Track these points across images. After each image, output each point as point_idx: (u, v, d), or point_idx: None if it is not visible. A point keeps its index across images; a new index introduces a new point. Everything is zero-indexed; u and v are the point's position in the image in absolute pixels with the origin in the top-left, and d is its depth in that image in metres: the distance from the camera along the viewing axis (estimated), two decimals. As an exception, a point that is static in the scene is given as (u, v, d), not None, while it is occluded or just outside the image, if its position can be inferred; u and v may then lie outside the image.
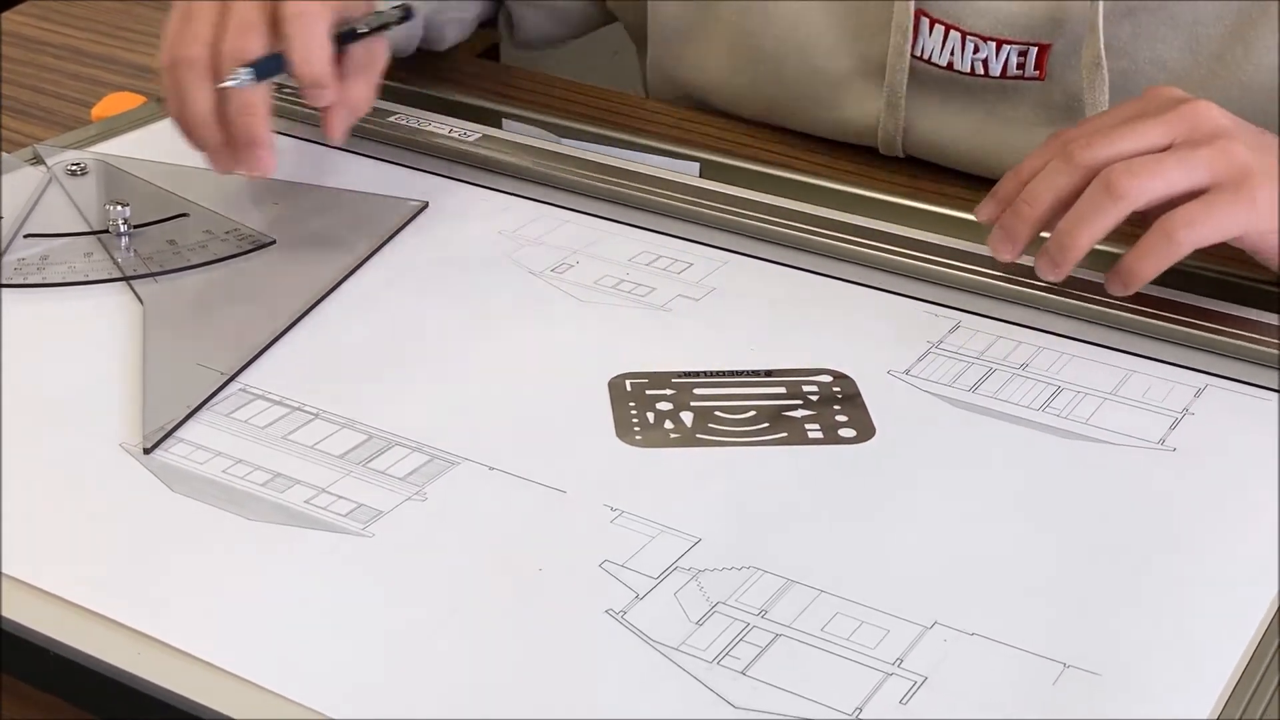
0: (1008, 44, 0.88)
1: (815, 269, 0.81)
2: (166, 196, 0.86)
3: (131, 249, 0.81)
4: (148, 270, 0.79)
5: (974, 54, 0.89)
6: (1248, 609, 0.58)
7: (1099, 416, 0.69)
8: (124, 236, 0.81)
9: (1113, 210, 0.69)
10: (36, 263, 0.80)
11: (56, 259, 0.80)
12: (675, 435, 0.67)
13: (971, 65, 0.89)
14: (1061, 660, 0.55)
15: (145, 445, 0.65)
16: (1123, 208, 0.69)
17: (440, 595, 0.58)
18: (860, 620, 0.57)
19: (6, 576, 0.58)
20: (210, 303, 0.77)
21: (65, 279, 0.78)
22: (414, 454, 0.66)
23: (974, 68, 0.89)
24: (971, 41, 0.89)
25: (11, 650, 0.56)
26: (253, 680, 0.54)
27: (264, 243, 0.82)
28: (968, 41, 0.89)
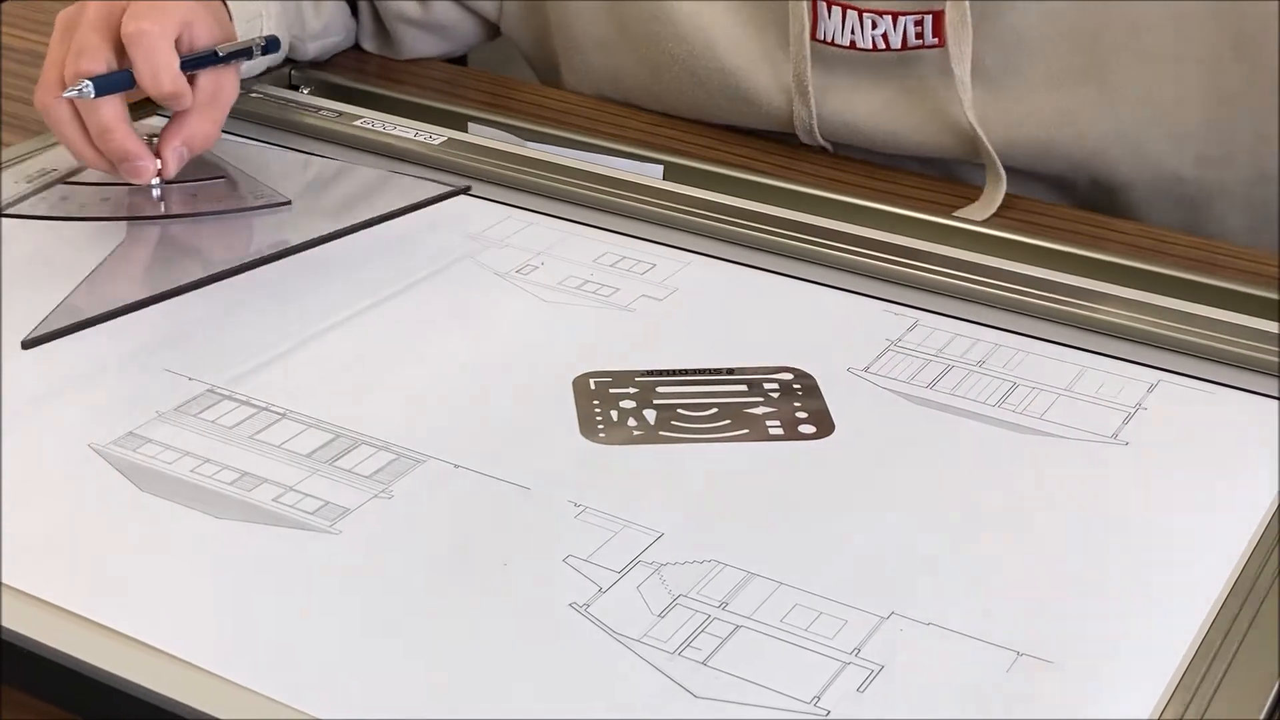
0: (902, 15, 0.91)
1: (776, 269, 0.82)
2: (218, 164, 0.88)
3: (160, 202, 0.83)
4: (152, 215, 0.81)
5: (873, 29, 0.92)
6: (1196, 599, 0.59)
7: (1053, 412, 0.70)
8: (156, 189, 0.84)
9: None
10: (54, 202, 0.83)
11: (75, 199, 0.83)
12: (638, 432, 0.68)
13: (873, 41, 0.92)
14: (1015, 649, 0.56)
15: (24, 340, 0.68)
16: None
17: (407, 590, 0.59)
18: (819, 611, 0.58)
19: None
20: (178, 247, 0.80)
21: (67, 214, 0.81)
22: (380, 452, 0.67)
23: (875, 43, 0.92)
24: (869, 18, 0.91)
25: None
26: (221, 675, 0.54)
27: (278, 202, 0.83)
28: (865, 18, 0.91)
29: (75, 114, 0.82)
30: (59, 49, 0.83)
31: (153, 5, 0.83)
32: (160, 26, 0.82)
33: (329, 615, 0.58)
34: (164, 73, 0.81)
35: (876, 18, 0.91)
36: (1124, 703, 0.54)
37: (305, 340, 0.75)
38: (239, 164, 0.89)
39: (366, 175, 0.89)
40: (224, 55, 0.86)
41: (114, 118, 0.81)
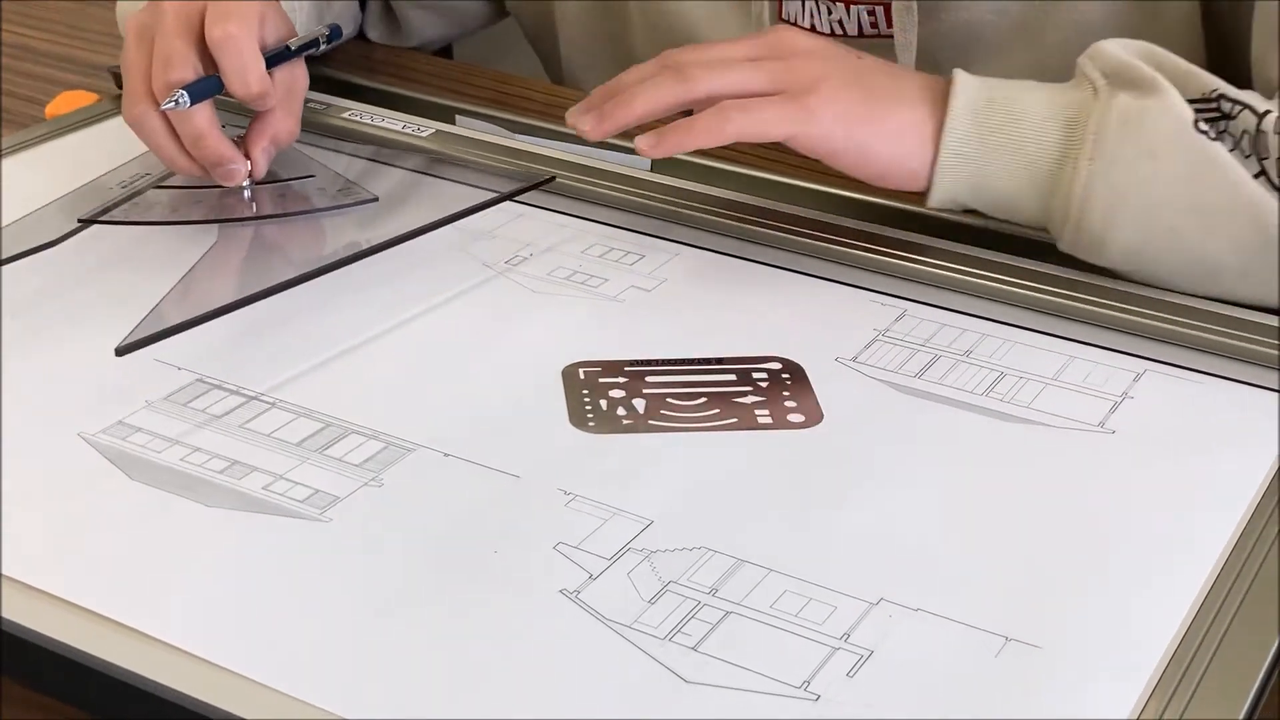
0: (855, 4, 0.92)
1: (764, 260, 0.82)
2: (300, 158, 0.89)
3: (252, 202, 0.83)
4: (240, 216, 0.82)
5: (829, 16, 0.93)
6: (1184, 585, 0.59)
7: (1041, 401, 0.70)
8: (247, 190, 0.84)
9: (675, 88, 0.78)
10: (148, 206, 0.83)
11: (169, 203, 0.84)
12: (628, 422, 0.69)
13: (830, 27, 0.93)
14: (1003, 634, 0.57)
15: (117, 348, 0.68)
16: (683, 90, 0.78)
17: (397, 578, 0.59)
18: (808, 598, 0.58)
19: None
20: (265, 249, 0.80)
21: (164, 217, 0.82)
22: (370, 441, 0.67)
23: (833, 28, 0.93)
24: (824, 5, 0.92)
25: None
26: (211, 661, 0.55)
27: (366, 199, 0.83)
28: (821, 5, 0.92)
29: (167, 123, 0.82)
30: (139, 56, 0.83)
31: (232, 5, 0.82)
32: (246, 29, 0.82)
33: (320, 602, 0.58)
34: (252, 75, 0.81)
35: (832, 5, 0.92)
36: (1113, 686, 0.54)
37: (291, 329, 0.75)
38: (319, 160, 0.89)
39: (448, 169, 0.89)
40: (296, 50, 0.86)
41: (207, 124, 0.81)
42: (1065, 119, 0.76)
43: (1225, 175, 0.73)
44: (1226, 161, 0.73)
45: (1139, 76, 0.75)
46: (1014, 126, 0.77)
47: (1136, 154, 0.74)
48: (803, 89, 0.77)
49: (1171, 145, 0.74)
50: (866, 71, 0.81)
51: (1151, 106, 0.74)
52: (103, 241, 0.82)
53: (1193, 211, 0.74)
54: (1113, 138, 0.75)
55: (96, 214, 0.82)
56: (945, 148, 0.78)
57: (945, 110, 0.78)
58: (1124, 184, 0.75)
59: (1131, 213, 0.75)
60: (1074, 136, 0.76)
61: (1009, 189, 0.78)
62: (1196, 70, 0.76)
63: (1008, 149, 0.77)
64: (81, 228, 0.81)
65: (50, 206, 0.84)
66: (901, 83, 0.80)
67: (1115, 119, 0.75)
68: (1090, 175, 0.75)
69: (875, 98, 0.79)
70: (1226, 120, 0.75)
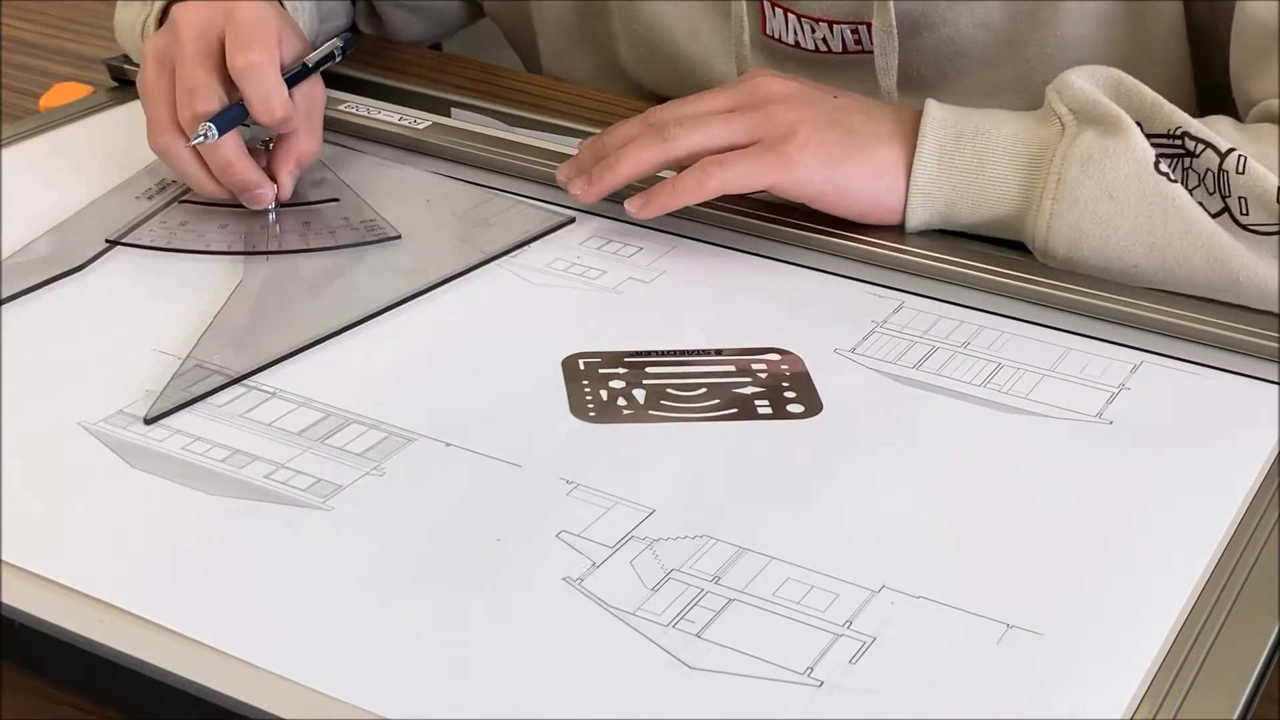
0: (839, 23, 0.92)
1: (760, 252, 0.82)
2: (330, 180, 0.88)
3: (276, 225, 0.83)
4: (267, 249, 0.81)
5: (813, 34, 0.93)
6: (1182, 573, 0.60)
7: (1039, 392, 0.71)
8: (272, 212, 0.84)
9: (657, 150, 0.80)
10: (173, 228, 0.83)
11: (194, 226, 0.83)
12: (628, 412, 0.69)
13: (815, 44, 0.94)
14: (1004, 621, 0.57)
15: (146, 417, 0.67)
16: (665, 150, 0.80)
17: (401, 565, 0.59)
18: (810, 585, 0.58)
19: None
20: (295, 289, 0.79)
21: (190, 246, 0.81)
22: (371, 430, 0.67)
23: (817, 45, 0.94)
24: (808, 23, 0.93)
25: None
26: (215, 647, 0.55)
27: (389, 236, 0.83)
28: (804, 23, 0.93)
29: (194, 151, 0.82)
30: (160, 84, 0.83)
31: (251, 30, 0.82)
32: (268, 55, 0.82)
33: (324, 588, 0.58)
34: (276, 103, 0.82)
35: (815, 23, 0.93)
36: (1114, 673, 0.55)
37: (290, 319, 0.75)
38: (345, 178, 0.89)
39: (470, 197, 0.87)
40: (313, 66, 0.86)
41: (234, 152, 0.82)
42: (1029, 158, 0.78)
43: (1182, 216, 0.75)
44: (1184, 202, 0.75)
45: (1104, 114, 0.77)
46: (979, 166, 0.79)
47: (1097, 194, 0.76)
48: (780, 137, 0.79)
49: (1130, 186, 0.76)
50: (843, 111, 0.82)
51: (1112, 147, 0.76)
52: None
53: (1152, 251, 0.76)
54: (1074, 178, 0.77)
55: (123, 234, 0.81)
56: (914, 186, 0.80)
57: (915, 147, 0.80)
58: (1085, 223, 0.77)
59: (1093, 250, 0.77)
60: (1037, 175, 0.78)
61: (977, 223, 0.81)
62: (1163, 103, 0.78)
63: (973, 188, 0.80)
64: (109, 248, 0.81)
65: (72, 222, 0.83)
66: (878, 120, 0.82)
67: (1078, 159, 0.77)
68: (1053, 215, 0.77)
69: (852, 138, 0.80)
70: (1190, 158, 0.76)
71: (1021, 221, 0.79)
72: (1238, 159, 0.75)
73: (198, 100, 0.81)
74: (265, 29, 0.83)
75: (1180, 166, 0.77)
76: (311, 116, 0.86)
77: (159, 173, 0.88)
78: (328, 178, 0.88)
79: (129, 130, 0.94)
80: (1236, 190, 0.75)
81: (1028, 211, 0.78)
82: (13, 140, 0.93)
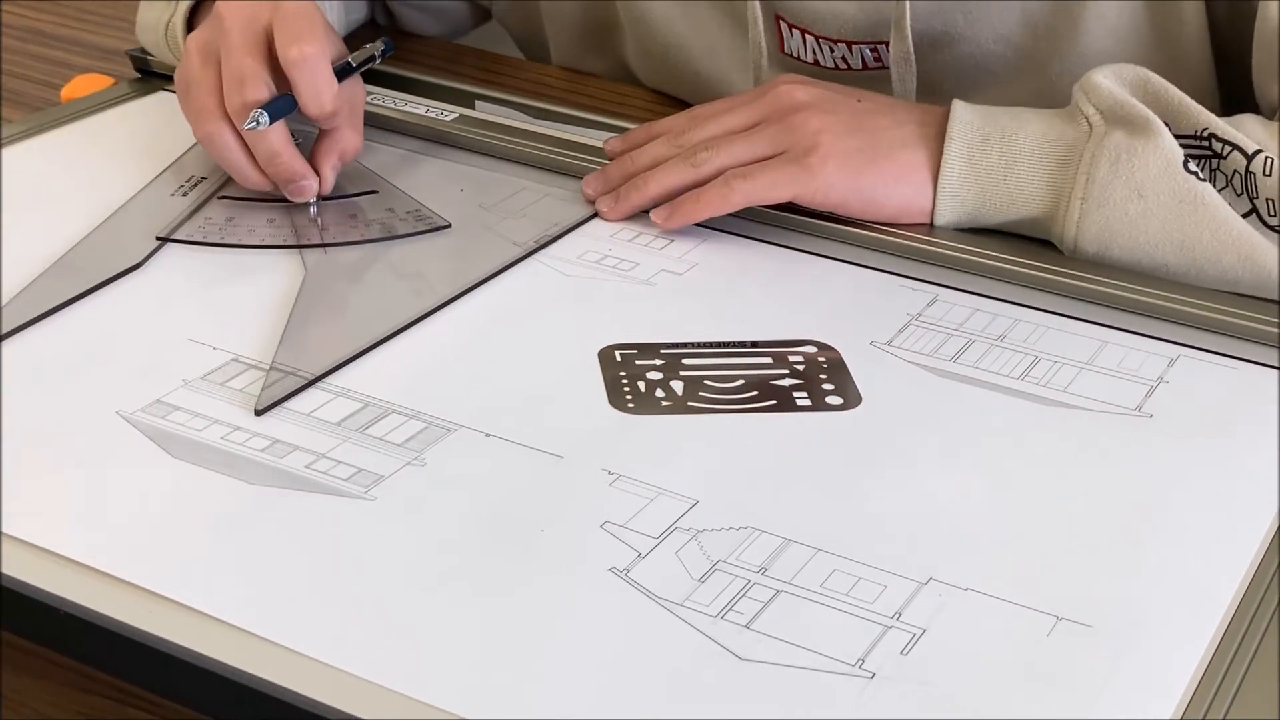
0: (857, 44, 0.92)
1: (790, 244, 0.82)
2: (363, 172, 0.88)
3: (318, 218, 0.82)
4: (321, 240, 0.80)
5: (832, 53, 0.93)
6: (1230, 562, 0.60)
7: (1077, 385, 0.71)
8: (313, 206, 0.83)
9: (684, 173, 0.82)
10: (221, 224, 0.82)
11: (241, 221, 0.82)
12: (667, 403, 0.68)
13: (834, 62, 0.94)
14: (1054, 614, 0.57)
15: (257, 407, 0.67)
16: (692, 174, 0.81)
17: (446, 555, 0.59)
18: (857, 577, 0.58)
19: (7, 536, 0.59)
20: (360, 282, 0.78)
21: (242, 241, 0.80)
22: (410, 421, 0.66)
23: (836, 64, 0.94)
24: (826, 44, 0.92)
25: (14, 608, 0.57)
26: (262, 636, 0.54)
27: (440, 225, 0.82)
28: (823, 44, 0.93)
29: (240, 140, 0.81)
30: (206, 74, 0.82)
31: (301, 22, 0.81)
32: (320, 48, 0.81)
33: (369, 578, 0.57)
34: (326, 94, 0.81)
35: (833, 44, 0.92)
36: (1166, 664, 0.55)
37: (326, 311, 0.75)
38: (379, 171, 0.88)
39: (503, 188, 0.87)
40: (357, 66, 0.86)
41: (281, 142, 0.81)
42: (1057, 159, 0.78)
43: (1212, 215, 0.75)
44: (1214, 201, 0.75)
45: (1132, 114, 0.77)
46: (1007, 168, 0.79)
47: (1126, 193, 0.76)
48: (803, 149, 0.80)
49: (1160, 185, 0.76)
50: (866, 114, 0.82)
51: (1141, 146, 0.76)
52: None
53: (1182, 250, 0.76)
54: (1103, 177, 0.76)
55: (172, 230, 0.81)
56: (942, 189, 0.80)
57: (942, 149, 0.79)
58: (1114, 223, 0.76)
59: (1123, 250, 0.77)
60: (1066, 176, 0.78)
61: (1005, 223, 0.81)
62: (1190, 104, 0.78)
63: (1001, 190, 0.80)
64: (160, 246, 0.80)
65: (117, 219, 0.82)
66: (902, 122, 0.82)
67: (1107, 158, 0.76)
68: (1082, 214, 0.77)
69: (876, 143, 0.80)
70: (1217, 159, 0.76)
71: (1050, 222, 0.79)
72: (1265, 160, 0.75)
73: (248, 88, 0.80)
74: (314, 22, 0.82)
75: (1208, 167, 0.77)
76: (354, 113, 0.85)
77: (186, 170, 0.87)
78: (359, 169, 0.88)
79: (154, 121, 0.94)
80: (1264, 192, 0.75)
81: (1056, 212, 0.78)
82: (36, 131, 0.93)
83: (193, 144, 0.89)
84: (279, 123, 0.80)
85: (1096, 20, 0.88)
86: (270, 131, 0.80)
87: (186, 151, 0.89)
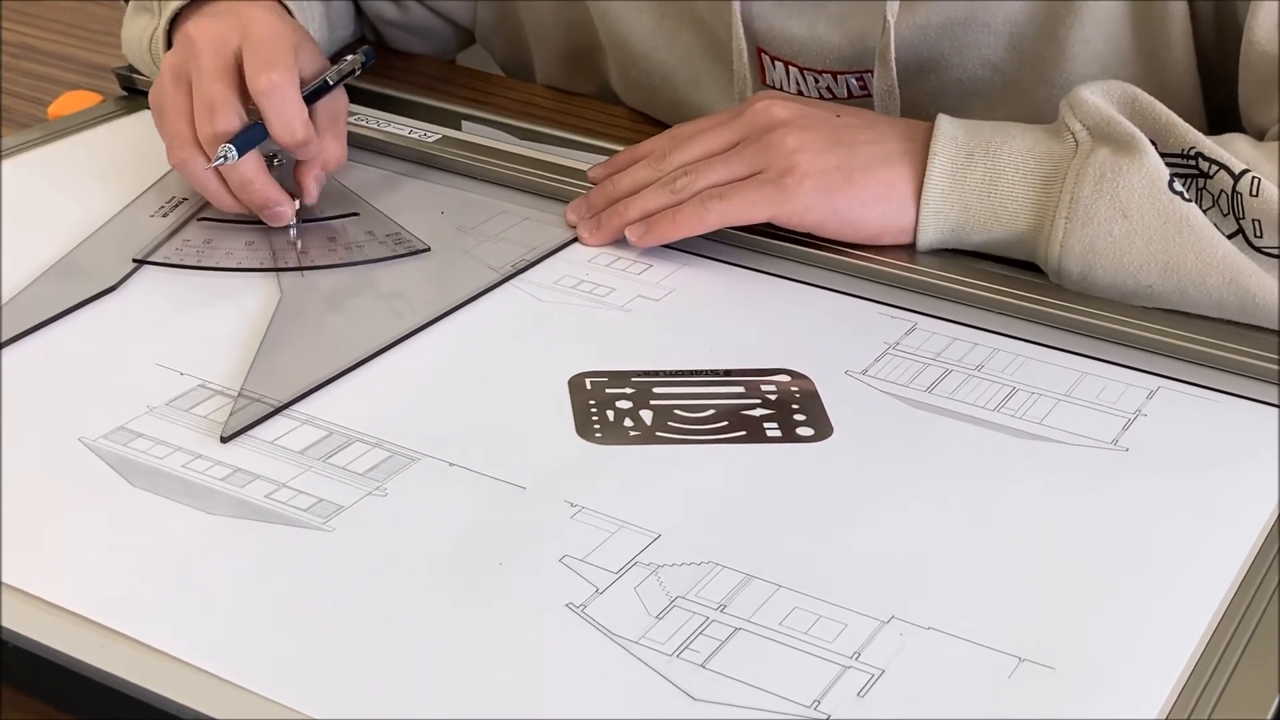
0: (843, 74, 0.91)
1: (772, 271, 0.81)
2: (344, 194, 0.87)
3: (297, 241, 0.82)
4: (298, 264, 0.80)
5: (816, 84, 0.92)
6: (1198, 606, 0.58)
7: (1053, 417, 0.70)
8: (292, 229, 0.82)
9: (664, 199, 0.81)
10: (199, 246, 0.81)
11: (219, 244, 0.82)
12: (635, 433, 0.68)
13: (818, 93, 0.93)
14: (1016, 655, 0.56)
15: (223, 434, 0.66)
16: (671, 199, 0.81)
17: (401, 589, 0.58)
18: (818, 615, 0.57)
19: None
20: (335, 306, 0.78)
21: (219, 263, 0.80)
22: (374, 450, 0.66)
23: (820, 94, 0.93)
24: (810, 75, 0.92)
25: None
26: (212, 672, 0.54)
27: (419, 249, 0.82)
28: (807, 75, 0.92)
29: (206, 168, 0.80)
30: (178, 99, 0.81)
31: (269, 47, 0.81)
32: (288, 74, 0.80)
33: (323, 611, 0.57)
34: (296, 123, 0.80)
35: (817, 74, 0.92)
36: (1126, 711, 0.53)
37: (295, 336, 0.74)
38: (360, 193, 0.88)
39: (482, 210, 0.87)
40: (335, 82, 0.85)
41: (253, 170, 0.80)
42: (1043, 175, 0.77)
43: (1197, 236, 0.74)
44: (1199, 222, 0.74)
45: (1119, 132, 0.76)
46: (991, 184, 0.78)
47: (1110, 213, 0.75)
48: (780, 169, 0.79)
49: (1144, 206, 0.75)
50: (845, 130, 0.81)
51: (1126, 165, 0.75)
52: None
53: (1166, 271, 0.75)
54: (1087, 196, 0.76)
55: (149, 253, 0.80)
56: (924, 204, 0.79)
57: (925, 165, 0.79)
58: (1098, 243, 0.76)
59: (1106, 270, 0.76)
60: (1050, 193, 0.77)
61: (989, 241, 0.80)
62: (1177, 122, 0.77)
63: (985, 206, 0.79)
64: (136, 268, 0.80)
65: (94, 241, 0.82)
66: (884, 138, 0.81)
67: (1091, 177, 0.76)
68: (1066, 233, 0.76)
69: (854, 161, 0.80)
70: (1204, 179, 0.75)
71: (1034, 240, 0.78)
72: (1252, 181, 0.74)
73: (218, 118, 0.79)
74: (283, 46, 0.81)
75: (1194, 187, 0.76)
76: (336, 124, 0.85)
77: (168, 190, 0.87)
78: (341, 190, 0.87)
79: (138, 139, 0.94)
80: (1250, 212, 0.74)
81: (1040, 230, 0.77)
82: (22, 148, 0.92)
83: None
84: (251, 152, 0.80)
85: (1082, 46, 0.87)
86: (241, 162, 0.79)
87: (169, 172, 0.89)
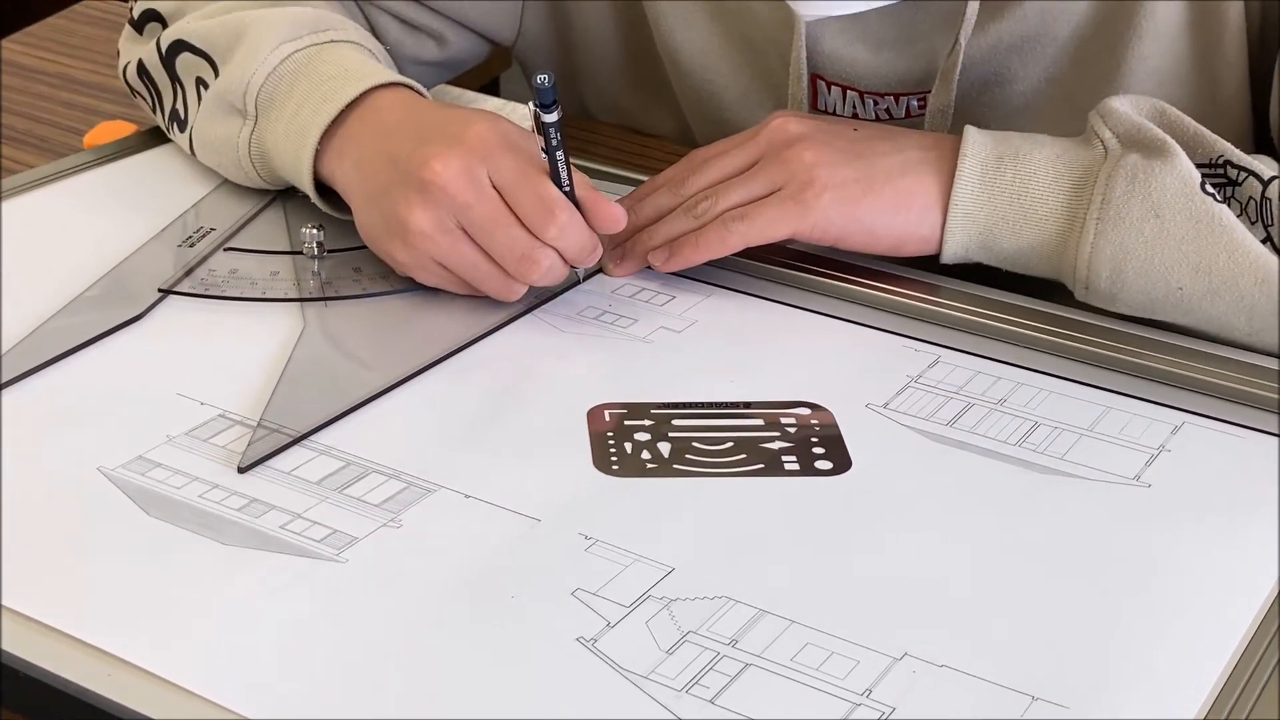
0: (904, 95, 0.90)
1: (796, 303, 0.81)
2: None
3: (320, 271, 0.82)
4: (322, 294, 0.80)
5: (875, 105, 0.91)
6: (1217, 647, 0.58)
7: (1075, 452, 0.69)
8: (316, 259, 0.83)
9: (689, 224, 0.81)
10: (224, 275, 0.82)
11: (244, 273, 0.82)
12: (652, 465, 0.68)
13: (875, 115, 0.92)
14: (1029, 693, 0.55)
15: (240, 465, 0.66)
16: (695, 225, 0.80)
17: (412, 621, 0.58)
18: (830, 651, 0.57)
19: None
20: (357, 337, 0.78)
21: (244, 293, 0.80)
22: (390, 481, 0.66)
23: (879, 116, 0.92)
24: (870, 98, 0.91)
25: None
26: (224, 705, 0.54)
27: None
28: (866, 99, 0.91)
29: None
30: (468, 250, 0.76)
31: (530, 182, 0.75)
32: (563, 208, 0.75)
33: (334, 645, 0.57)
34: (589, 248, 0.77)
35: (878, 97, 0.91)
36: (1141, 751, 0.53)
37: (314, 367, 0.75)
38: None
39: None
40: (554, 149, 0.76)
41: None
42: (1073, 179, 0.77)
43: (1230, 237, 0.73)
44: (1231, 223, 0.73)
45: (1149, 138, 0.76)
46: (1022, 186, 0.78)
47: (1142, 214, 0.74)
48: (799, 184, 0.79)
49: (1176, 206, 0.74)
50: (863, 141, 0.81)
51: (1158, 167, 0.74)
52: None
53: (1198, 272, 0.74)
54: (1119, 197, 0.75)
55: (174, 283, 0.81)
56: (954, 206, 0.78)
57: (954, 169, 0.78)
58: (1130, 243, 0.75)
59: (1137, 272, 0.75)
60: (1081, 197, 0.76)
61: (1017, 246, 0.78)
62: (1205, 133, 0.77)
63: (1016, 209, 0.78)
64: (162, 297, 0.80)
65: (122, 270, 0.82)
66: (903, 148, 0.80)
67: (1123, 179, 0.75)
68: (1097, 235, 0.75)
69: (874, 171, 0.79)
70: (1233, 186, 0.75)
71: (1063, 246, 0.77)
72: None
73: (541, 259, 0.76)
74: (530, 163, 0.76)
75: (1223, 194, 0.75)
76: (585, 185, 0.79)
77: (196, 221, 0.88)
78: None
79: (170, 169, 0.95)
80: (1279, 219, 0.74)
81: (1070, 235, 0.76)
82: (57, 177, 0.93)
83: (204, 194, 0.89)
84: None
85: (1140, 62, 0.86)
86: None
87: (198, 201, 0.90)
